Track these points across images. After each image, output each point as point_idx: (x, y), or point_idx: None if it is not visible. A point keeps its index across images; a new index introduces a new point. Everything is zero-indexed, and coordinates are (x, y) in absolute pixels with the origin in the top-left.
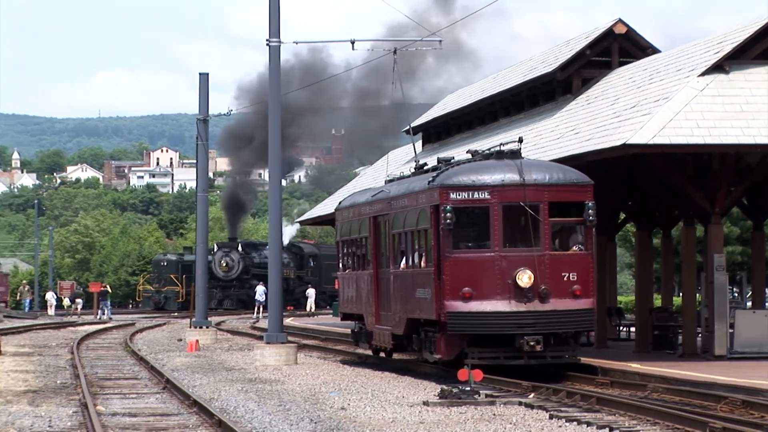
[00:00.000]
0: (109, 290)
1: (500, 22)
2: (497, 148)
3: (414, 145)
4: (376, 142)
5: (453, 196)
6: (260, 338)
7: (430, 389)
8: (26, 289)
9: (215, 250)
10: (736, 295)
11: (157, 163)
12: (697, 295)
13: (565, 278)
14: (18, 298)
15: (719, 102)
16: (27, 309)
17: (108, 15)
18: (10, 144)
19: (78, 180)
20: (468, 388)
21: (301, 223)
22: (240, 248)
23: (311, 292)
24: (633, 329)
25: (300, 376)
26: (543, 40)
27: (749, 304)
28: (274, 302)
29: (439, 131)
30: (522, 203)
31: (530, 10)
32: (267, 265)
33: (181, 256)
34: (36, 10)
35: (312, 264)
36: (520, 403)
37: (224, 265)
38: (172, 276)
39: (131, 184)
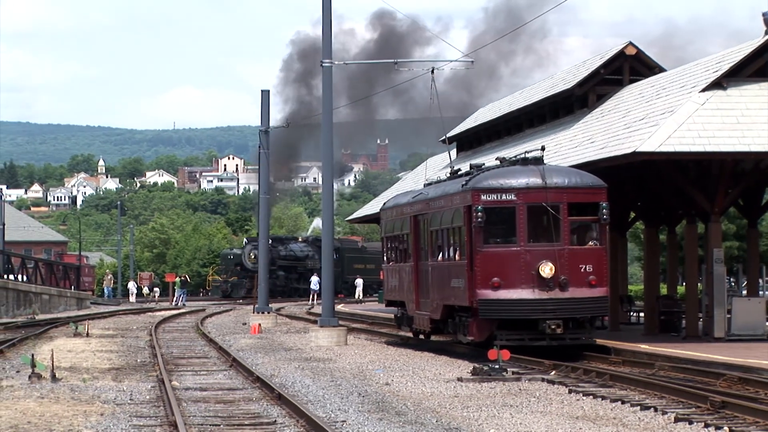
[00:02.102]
0: (189, 280)
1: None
2: (522, 156)
3: (450, 152)
4: (416, 150)
5: (484, 197)
6: (314, 322)
7: (464, 367)
8: (109, 278)
9: (245, 244)
10: (733, 284)
11: (225, 169)
12: (699, 284)
13: (582, 270)
14: (103, 286)
15: (718, 115)
16: (108, 296)
17: (180, 39)
18: (97, 153)
19: (155, 184)
20: (497, 366)
21: (351, 221)
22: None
23: (359, 282)
24: (642, 314)
25: (349, 356)
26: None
27: (745, 292)
28: (327, 291)
29: (471, 140)
30: (544, 204)
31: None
32: (291, 257)
33: None
34: (117, 36)
35: (335, 257)
36: (542, 380)
37: (253, 257)
38: (237, 267)
39: (202, 187)
